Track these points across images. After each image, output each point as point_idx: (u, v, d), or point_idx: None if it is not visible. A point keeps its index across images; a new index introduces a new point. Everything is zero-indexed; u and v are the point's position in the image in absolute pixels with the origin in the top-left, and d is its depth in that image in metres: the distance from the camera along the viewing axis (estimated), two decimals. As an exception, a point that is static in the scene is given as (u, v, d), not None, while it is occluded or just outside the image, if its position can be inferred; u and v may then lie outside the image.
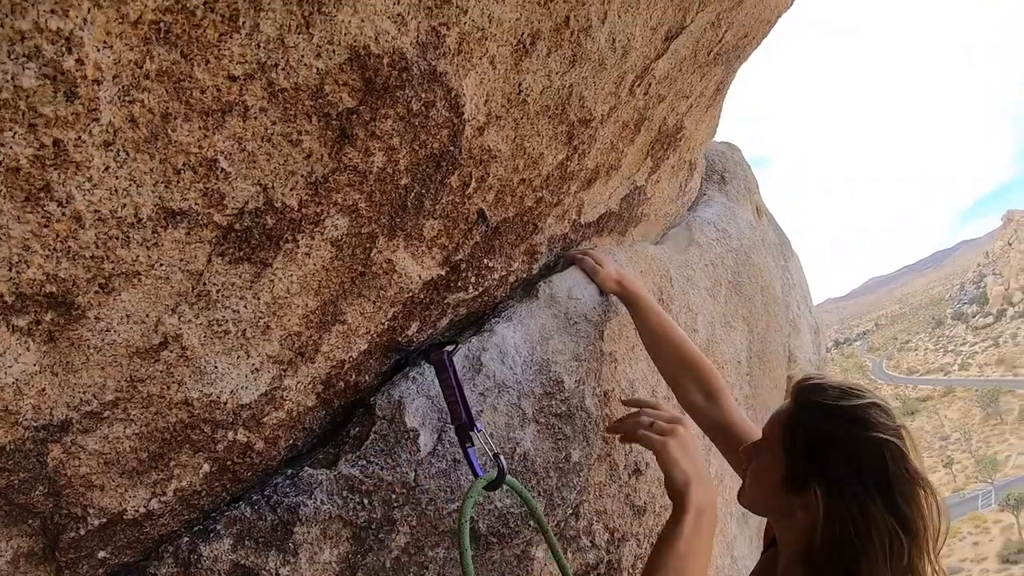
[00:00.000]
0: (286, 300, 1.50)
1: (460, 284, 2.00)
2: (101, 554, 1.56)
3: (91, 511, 1.47)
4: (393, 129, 1.44)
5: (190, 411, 1.49)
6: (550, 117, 1.89)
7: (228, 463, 1.66)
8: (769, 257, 4.57)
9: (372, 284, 1.69)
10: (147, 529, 1.60)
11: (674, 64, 2.39)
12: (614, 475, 2.42)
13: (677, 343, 2.39)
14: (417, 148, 1.53)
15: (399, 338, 1.93)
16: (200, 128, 1.13)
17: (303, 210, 1.39)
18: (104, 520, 1.50)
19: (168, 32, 1.01)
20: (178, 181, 1.16)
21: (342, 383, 1.84)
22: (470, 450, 1.91)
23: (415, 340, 2.01)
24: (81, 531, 1.48)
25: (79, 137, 1.00)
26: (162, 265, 1.24)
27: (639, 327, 2.48)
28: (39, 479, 1.35)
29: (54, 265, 1.10)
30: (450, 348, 2.05)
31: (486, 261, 2.05)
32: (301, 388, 1.71)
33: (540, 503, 2.14)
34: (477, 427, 1.93)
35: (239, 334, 1.47)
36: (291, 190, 1.34)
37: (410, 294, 1.83)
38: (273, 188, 1.31)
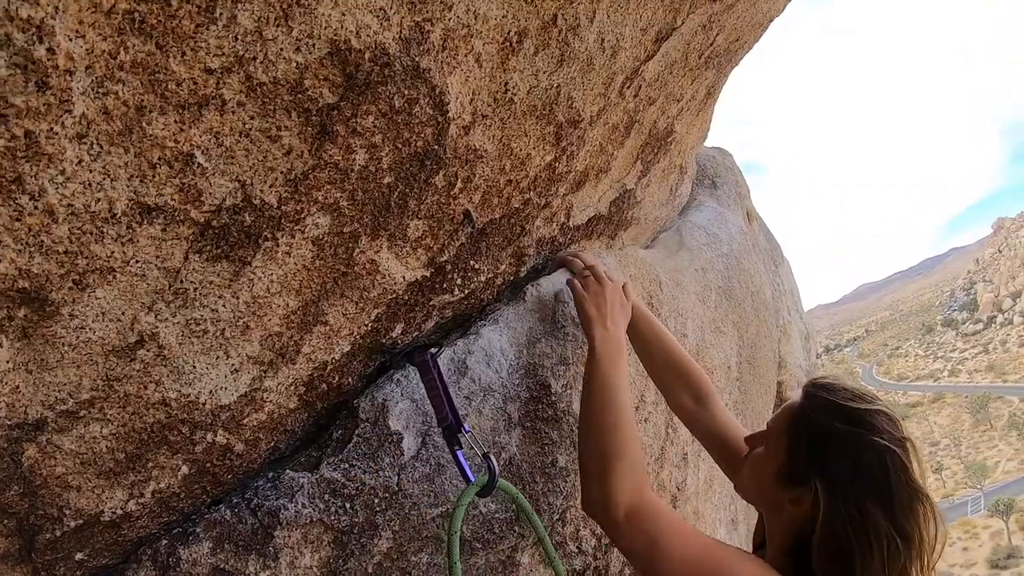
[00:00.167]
0: (266, 300, 1.47)
1: (445, 286, 1.98)
2: (78, 556, 1.53)
3: (67, 512, 1.44)
4: (375, 126, 1.41)
5: (168, 411, 1.46)
6: (537, 117, 1.87)
7: (207, 465, 1.63)
8: (760, 262, 4.57)
9: (355, 285, 1.67)
10: (125, 531, 1.57)
11: (665, 66, 2.38)
12: (601, 480, 2.40)
13: (667, 348, 2.40)
14: (401, 146, 1.50)
15: (383, 340, 1.91)
16: (176, 122, 1.11)
17: (283, 208, 1.36)
18: (81, 521, 1.47)
19: (143, 22, 0.99)
20: (153, 176, 1.13)
21: (324, 385, 1.82)
22: (459, 453, 1.89)
23: (400, 342, 1.99)
24: (57, 532, 1.45)
25: (51, 129, 0.98)
26: (138, 262, 1.21)
27: (628, 332, 2.48)
28: (14, 479, 1.32)
29: (27, 260, 1.07)
30: (434, 350, 2.03)
31: (472, 263, 2.03)
32: (282, 390, 1.68)
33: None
34: (464, 428, 1.91)
35: (218, 334, 1.44)
36: (270, 187, 1.31)
37: (394, 295, 1.81)
38: (252, 185, 1.28)
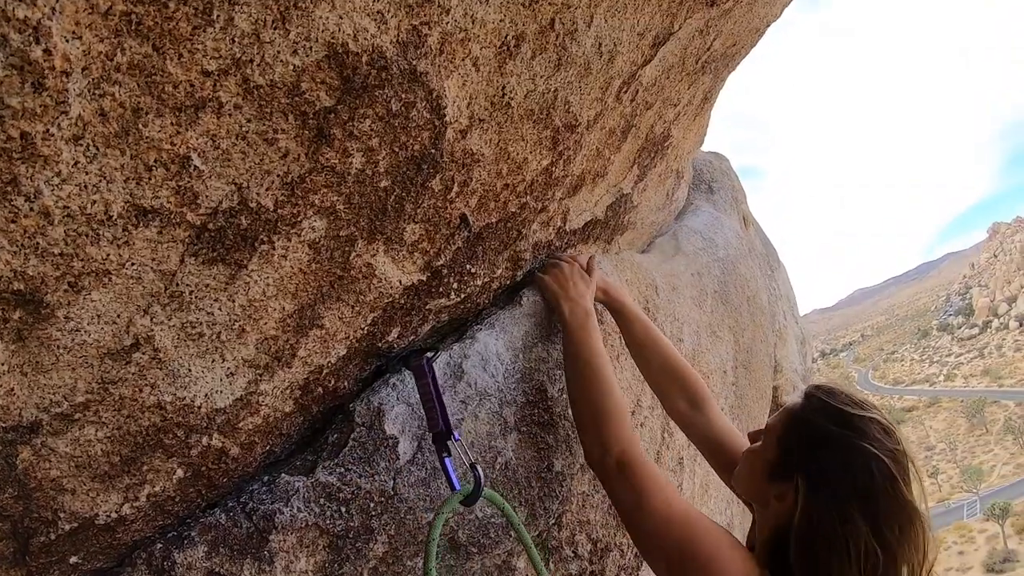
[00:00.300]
0: (262, 303, 1.47)
1: (442, 290, 1.97)
2: (73, 559, 1.52)
3: (62, 515, 1.43)
4: (372, 130, 1.41)
5: (163, 415, 1.46)
6: (535, 122, 1.87)
7: (203, 469, 1.63)
8: (756, 267, 4.58)
9: (351, 288, 1.66)
10: (120, 535, 1.56)
11: (662, 71, 2.38)
12: (597, 485, 2.40)
13: (663, 352, 2.41)
14: (397, 150, 1.50)
15: (379, 344, 1.90)
16: (172, 124, 1.11)
17: (279, 211, 1.36)
18: (75, 525, 1.46)
19: (140, 24, 0.99)
20: (150, 178, 1.13)
21: (320, 389, 1.81)
22: (447, 460, 1.88)
23: (396, 346, 1.99)
24: (52, 535, 1.44)
25: (47, 130, 0.97)
26: (133, 264, 1.21)
27: (625, 336, 2.49)
28: (9, 481, 1.31)
29: (22, 262, 1.07)
30: (430, 354, 2.03)
31: (469, 267, 2.03)
32: (278, 393, 1.68)
33: (522, 513, 2.13)
34: (455, 436, 1.90)
35: (213, 337, 1.43)
36: (266, 190, 1.31)
37: (390, 299, 1.80)
38: (248, 188, 1.28)
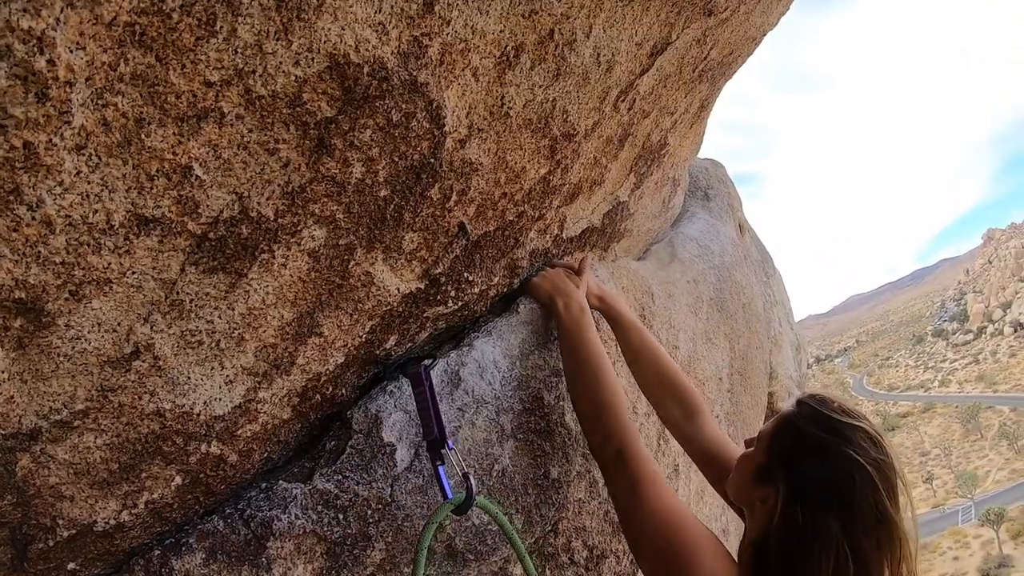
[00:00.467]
0: (261, 311, 1.48)
1: (439, 298, 1.98)
2: (71, 566, 1.53)
3: (60, 522, 1.43)
4: (372, 140, 1.42)
5: (162, 422, 1.46)
6: (533, 131, 1.88)
7: (201, 476, 1.63)
8: (751, 274, 4.59)
9: (349, 296, 1.67)
10: (118, 541, 1.57)
11: (659, 80, 2.39)
12: (594, 492, 2.40)
13: (658, 361, 2.42)
14: (397, 159, 1.51)
15: (377, 351, 1.91)
16: (175, 134, 1.11)
17: (279, 220, 1.37)
18: (74, 531, 1.46)
19: (143, 35, 0.99)
20: (151, 188, 1.14)
21: (318, 396, 1.81)
22: (440, 468, 1.89)
23: (393, 353, 1.99)
24: (50, 542, 1.44)
25: (50, 140, 0.98)
26: (134, 273, 1.21)
27: (620, 344, 2.50)
28: (8, 488, 1.31)
29: (23, 270, 1.07)
30: (427, 362, 2.04)
31: (466, 275, 2.03)
32: (276, 401, 1.68)
33: (519, 520, 2.13)
34: (448, 444, 1.90)
35: (213, 345, 1.44)
36: (267, 199, 1.32)
37: (388, 307, 1.81)
38: (249, 197, 1.29)
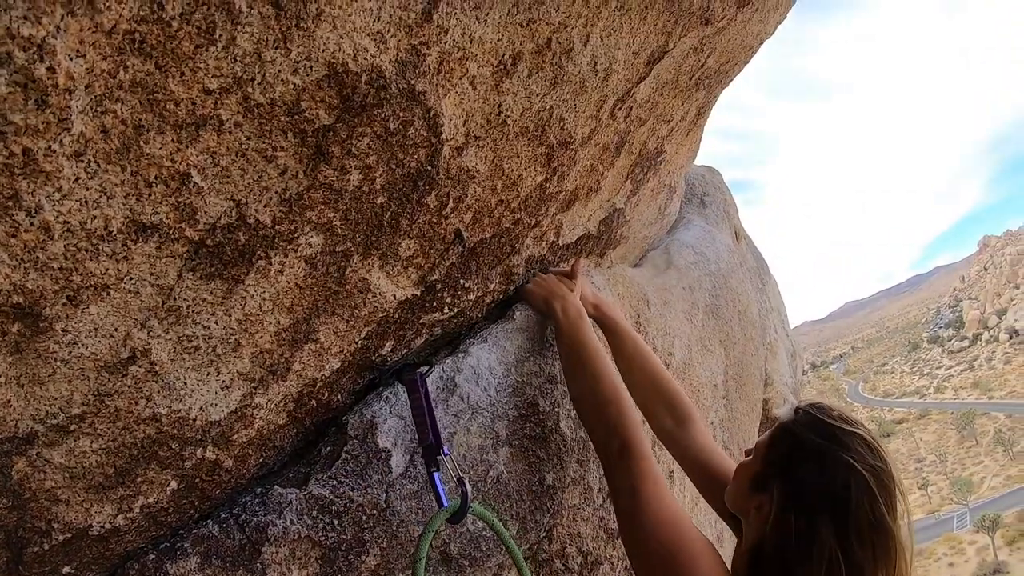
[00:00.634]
0: (258, 317, 1.48)
1: (435, 304, 1.98)
2: (66, 569, 1.53)
3: (56, 526, 1.43)
4: (370, 147, 1.42)
5: (158, 427, 1.46)
6: (530, 139, 1.89)
7: (196, 480, 1.63)
8: (747, 281, 4.60)
9: (346, 303, 1.68)
10: (113, 545, 1.57)
11: (656, 88, 2.40)
12: (588, 498, 2.41)
13: (651, 370, 2.42)
14: (394, 167, 1.52)
15: (373, 357, 1.91)
16: (173, 141, 1.12)
17: (276, 227, 1.37)
18: (69, 535, 1.46)
19: (143, 43, 1.00)
20: (149, 194, 1.14)
21: (314, 401, 1.82)
22: (436, 475, 1.89)
23: (389, 359, 1.99)
24: (45, 546, 1.44)
25: (49, 147, 0.98)
26: (131, 279, 1.22)
27: (614, 352, 2.49)
28: (4, 492, 1.32)
29: (21, 276, 1.08)
30: (423, 369, 2.04)
31: (462, 282, 2.04)
32: (272, 406, 1.69)
33: (513, 526, 2.13)
34: (444, 451, 1.90)
35: (209, 350, 1.44)
36: (265, 206, 1.32)
37: (384, 313, 1.81)
38: (246, 204, 1.29)
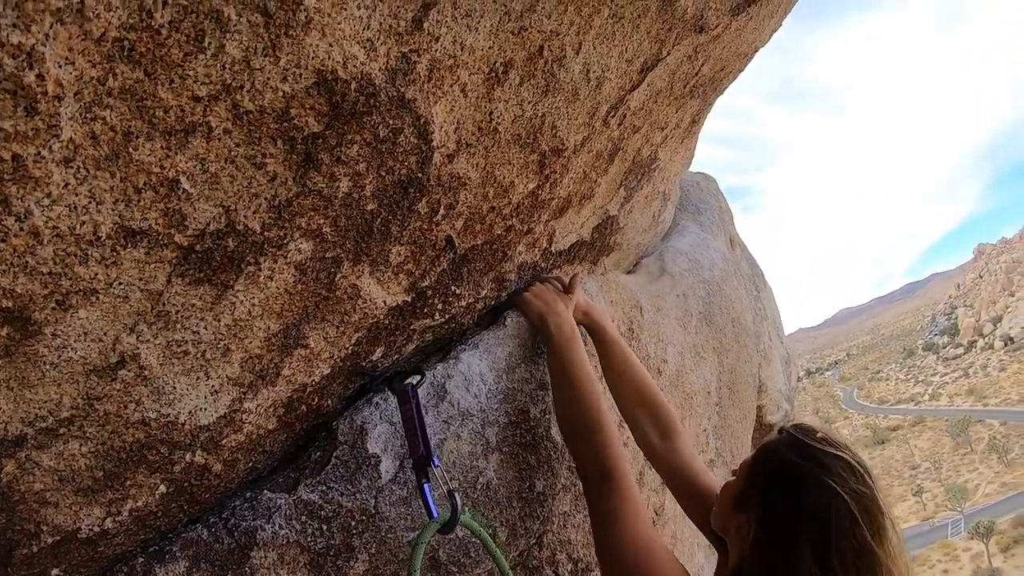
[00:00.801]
0: (247, 323, 1.48)
1: (426, 311, 1.99)
2: (54, 572, 1.53)
3: (44, 528, 1.43)
4: (360, 155, 1.43)
5: (147, 431, 1.46)
6: (522, 146, 1.89)
7: (185, 484, 1.63)
8: (741, 288, 4.60)
9: (336, 309, 1.68)
10: (102, 548, 1.57)
11: (650, 95, 2.41)
12: (579, 505, 2.41)
13: (639, 380, 2.41)
14: (384, 174, 1.52)
15: (363, 363, 1.91)
16: (162, 148, 1.12)
17: (266, 233, 1.37)
18: (58, 538, 1.46)
19: (132, 50, 1.00)
20: (139, 200, 1.15)
21: (304, 407, 1.82)
22: (426, 487, 1.89)
23: (380, 365, 2.00)
24: (34, 548, 1.44)
25: (39, 153, 0.99)
26: (121, 284, 1.22)
27: (602, 360, 2.49)
28: (-8, 494, 1.33)
29: (11, 280, 1.08)
30: (415, 380, 2.03)
31: (454, 288, 2.04)
32: (261, 411, 1.69)
33: (503, 532, 2.13)
34: (434, 462, 1.90)
35: (199, 355, 1.45)
36: (254, 213, 1.33)
37: (375, 320, 1.81)
38: (236, 210, 1.29)
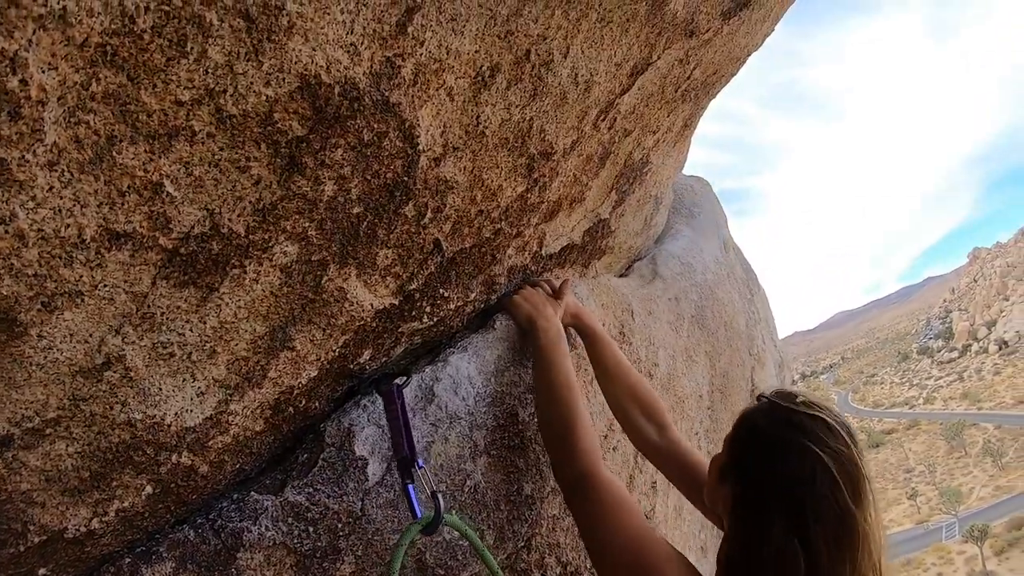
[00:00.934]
0: (233, 325, 1.49)
1: (414, 314, 1.99)
2: (42, 571, 1.53)
3: (31, 528, 1.44)
4: (344, 159, 1.43)
5: (133, 432, 1.47)
6: (510, 149, 1.90)
7: (172, 485, 1.64)
8: (735, 292, 4.61)
9: (322, 311, 1.68)
10: (88, 548, 1.57)
11: (641, 99, 2.41)
12: (568, 508, 2.41)
13: (632, 379, 2.42)
14: (370, 178, 1.53)
15: (351, 365, 1.92)
16: (146, 151, 1.13)
17: (250, 236, 1.38)
18: (44, 537, 1.46)
19: (115, 55, 1.01)
20: (123, 203, 1.15)
21: (291, 409, 1.82)
22: (411, 487, 1.89)
23: (367, 368, 2.00)
24: (21, 547, 1.45)
25: (23, 156, 0.99)
26: (106, 286, 1.23)
27: (595, 361, 2.50)
28: (-20, 493, 1.33)
29: (-4, 282, 1.09)
30: (400, 381, 2.04)
31: (442, 291, 2.05)
32: (248, 413, 1.69)
33: (491, 536, 2.13)
34: (418, 463, 1.91)
35: (184, 357, 1.45)
36: (238, 216, 1.33)
37: (362, 322, 1.82)
38: (220, 213, 1.30)
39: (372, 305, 1.81)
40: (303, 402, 1.85)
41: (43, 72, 0.95)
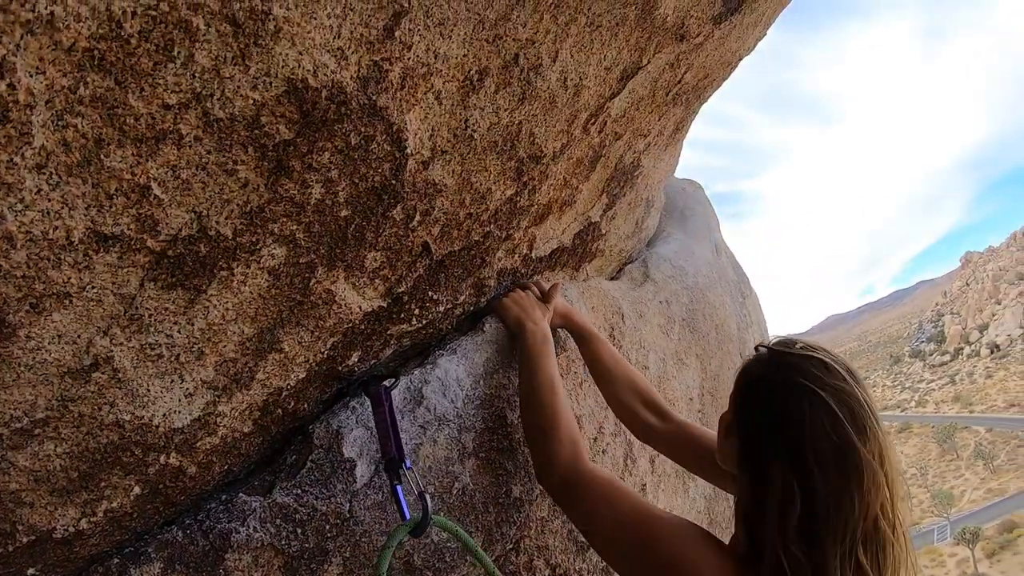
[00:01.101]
0: (221, 326, 1.49)
1: (403, 316, 1.99)
2: (31, 571, 1.53)
3: (20, 528, 1.44)
4: (331, 162, 1.44)
5: (121, 433, 1.47)
6: (498, 153, 1.90)
7: (160, 486, 1.64)
8: (726, 295, 4.61)
9: (310, 314, 1.69)
10: (77, 548, 1.57)
11: (631, 103, 2.42)
12: (557, 511, 2.41)
13: (628, 372, 2.43)
14: (357, 181, 1.53)
15: (339, 367, 1.92)
16: (134, 155, 1.13)
17: (238, 239, 1.39)
18: (33, 537, 1.47)
19: (102, 59, 1.02)
20: (111, 206, 1.16)
21: (280, 410, 1.83)
22: (399, 488, 1.89)
23: (356, 370, 2.00)
24: (9, 548, 1.45)
25: (11, 159, 1.00)
26: (94, 288, 1.23)
27: (590, 359, 2.50)
28: (-32, 494, 1.34)
29: (-16, 284, 1.10)
30: (388, 383, 2.04)
31: (431, 294, 2.05)
32: (236, 414, 1.69)
33: (478, 538, 2.13)
34: (406, 464, 1.91)
35: (172, 358, 1.45)
36: (226, 219, 1.34)
37: (350, 325, 1.82)
38: (208, 216, 1.31)
39: (360, 307, 1.81)
40: (291, 404, 1.85)
41: (31, 76, 0.96)
